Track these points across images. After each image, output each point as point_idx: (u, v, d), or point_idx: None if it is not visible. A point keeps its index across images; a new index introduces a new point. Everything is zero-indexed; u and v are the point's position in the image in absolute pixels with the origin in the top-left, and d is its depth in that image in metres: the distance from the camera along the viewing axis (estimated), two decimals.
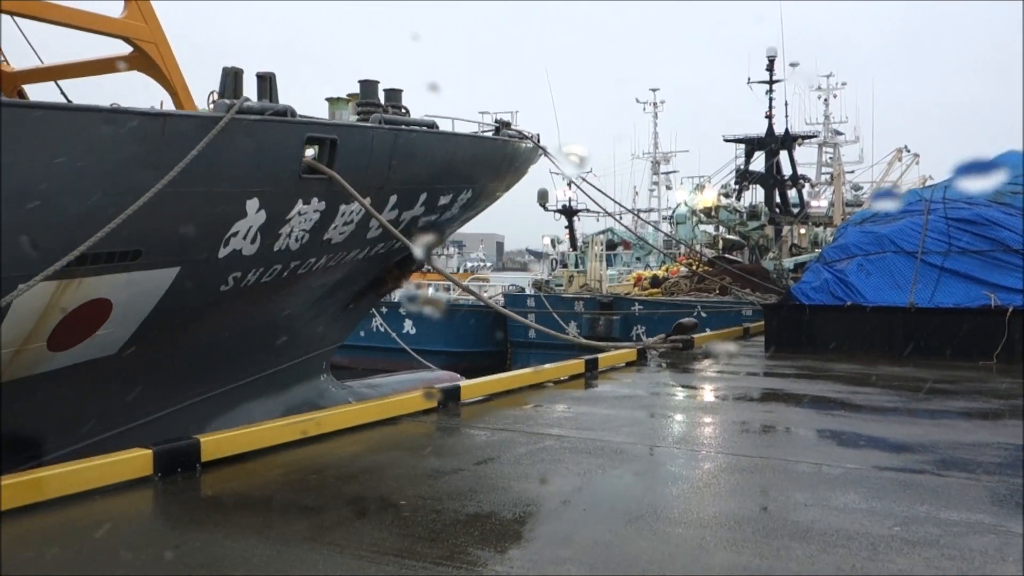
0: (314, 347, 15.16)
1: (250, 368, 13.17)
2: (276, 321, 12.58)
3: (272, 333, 12.85)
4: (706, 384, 10.50)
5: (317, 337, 14.95)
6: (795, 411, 8.52)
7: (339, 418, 7.19)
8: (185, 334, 10.27)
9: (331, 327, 15.50)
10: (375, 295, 15.80)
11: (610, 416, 8.01)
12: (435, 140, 12.04)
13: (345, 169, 10.06)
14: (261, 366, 13.48)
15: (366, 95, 11.55)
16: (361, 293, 15.32)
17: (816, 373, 11.25)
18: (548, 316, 30.08)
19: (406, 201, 11.98)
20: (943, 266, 13.66)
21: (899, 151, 49.39)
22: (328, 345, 16.01)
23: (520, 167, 16.32)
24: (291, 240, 9.99)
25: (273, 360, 13.77)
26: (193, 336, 10.59)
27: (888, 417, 8.10)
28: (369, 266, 13.70)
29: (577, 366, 10.90)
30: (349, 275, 13.35)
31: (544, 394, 9.45)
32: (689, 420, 7.96)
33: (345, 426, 7.17)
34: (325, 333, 15.26)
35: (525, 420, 7.84)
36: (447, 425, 7.72)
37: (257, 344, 12.72)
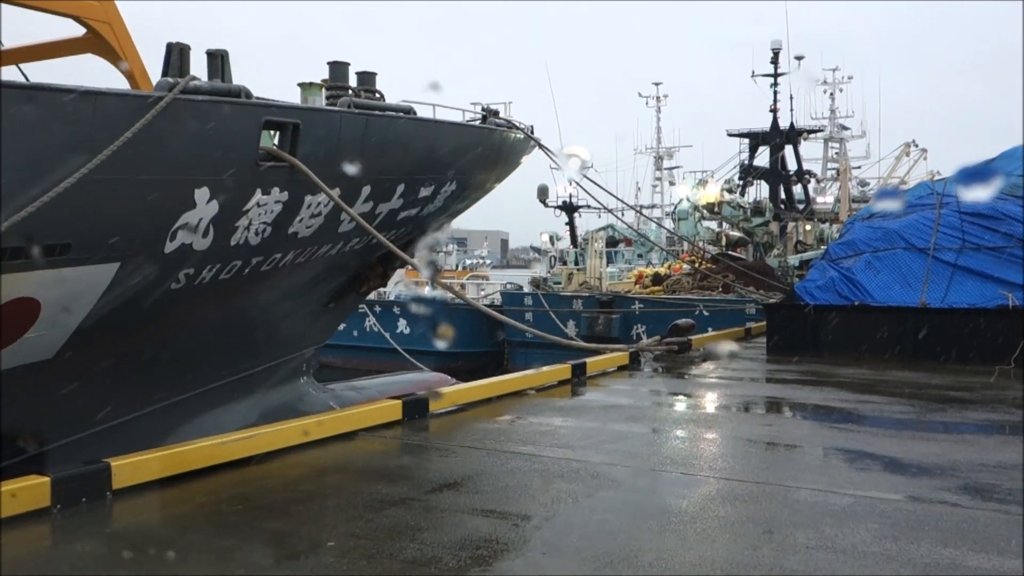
0: (292, 348, 14.36)
1: (220, 371, 12.39)
2: (246, 321, 11.80)
3: (242, 334, 12.07)
4: (702, 391, 9.69)
5: (295, 338, 14.15)
6: (798, 424, 7.72)
7: (284, 435, 6.40)
8: (138, 336, 9.49)
9: (310, 327, 14.70)
10: (357, 293, 15.00)
11: (593, 431, 7.21)
12: (413, 127, 11.22)
13: (310, 157, 9.25)
14: (233, 369, 12.69)
15: (335, 78, 10.74)
16: (341, 291, 14.54)
17: (821, 378, 10.44)
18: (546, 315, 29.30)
19: (382, 193, 11.17)
20: (956, 263, 12.83)
21: (907, 145, 48.39)
22: (308, 346, 15.20)
23: (510, 158, 15.50)
24: (250, 234, 9.19)
25: (246, 362, 12.98)
26: (149, 338, 9.81)
27: (901, 432, 7.28)
28: (346, 262, 12.90)
29: (564, 371, 10.11)
30: (324, 272, 12.56)
31: (524, 403, 8.66)
32: (680, 435, 7.15)
33: (292, 443, 6.38)
34: (304, 334, 14.46)
35: (497, 436, 7.04)
36: (409, 441, 6.93)
37: (226, 346, 11.93)
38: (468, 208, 19.68)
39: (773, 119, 40.55)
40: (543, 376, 9.86)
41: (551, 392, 9.41)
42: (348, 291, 14.73)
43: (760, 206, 37.27)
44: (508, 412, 8.08)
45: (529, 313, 30.08)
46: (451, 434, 7.14)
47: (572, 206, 40.65)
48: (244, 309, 11.27)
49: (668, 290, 31.27)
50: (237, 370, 12.83)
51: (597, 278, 32.42)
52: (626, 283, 34.95)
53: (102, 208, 7.39)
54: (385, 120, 10.58)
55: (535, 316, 30.02)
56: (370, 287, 14.90)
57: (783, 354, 12.67)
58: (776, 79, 40.41)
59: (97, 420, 10.11)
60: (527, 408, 8.37)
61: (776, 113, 40.63)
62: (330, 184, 9.78)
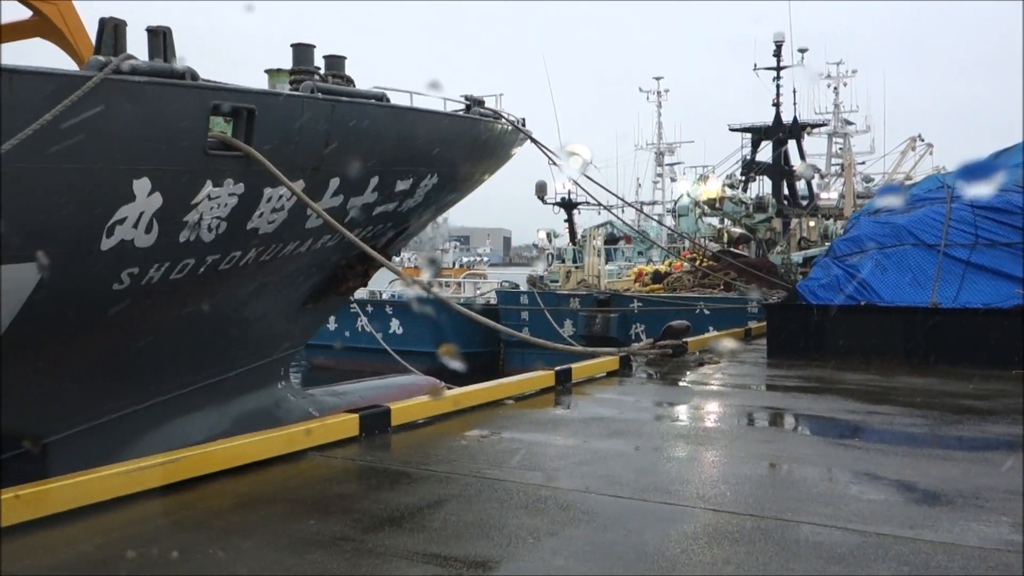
0: (267, 352, 13.60)
1: (186, 377, 11.63)
2: (210, 324, 11.04)
3: (208, 337, 11.30)
4: (695, 401, 8.91)
5: (269, 341, 13.40)
6: (800, 441, 6.94)
7: (216, 457, 5.63)
8: (80, 342, 8.74)
9: (287, 330, 13.95)
10: (336, 293, 14.23)
11: (570, 449, 6.45)
12: (386, 115, 10.45)
13: (267, 145, 8.50)
14: (201, 374, 11.93)
15: (299, 61, 9.96)
16: (319, 291, 13.79)
17: (825, 385, 9.66)
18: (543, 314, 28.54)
19: (353, 185, 10.40)
20: (969, 260, 12.04)
21: (913, 140, 47.57)
22: (285, 349, 14.44)
23: (498, 150, 14.74)
24: (202, 230, 8.44)
25: (216, 367, 12.23)
26: (94, 343, 9.07)
27: (914, 449, 6.51)
28: (321, 261, 12.15)
29: (546, 378, 9.34)
30: (297, 272, 11.81)
31: (499, 416, 7.89)
32: (668, 455, 6.37)
33: (227, 467, 5.62)
34: (279, 336, 13.71)
35: (461, 455, 6.28)
36: (363, 463, 6.16)
37: (191, 350, 11.18)
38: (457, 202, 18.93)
39: (776, 113, 39.71)
40: (523, 384, 9.10)
41: (531, 402, 8.65)
42: (326, 292, 13.97)
43: (763, 202, 36.43)
44: (480, 426, 7.32)
45: (525, 312, 29.34)
46: (410, 454, 6.38)
47: (571, 203, 39.85)
48: (207, 311, 10.50)
49: (668, 288, 30.50)
50: (205, 376, 12.08)
51: (595, 276, 31.66)
52: (625, 281, 34.19)
53: (24, 201, 6.64)
54: (354, 107, 9.81)
55: (531, 316, 29.28)
56: (349, 287, 14.12)
57: (784, 357, 11.89)
58: (779, 72, 39.59)
59: (42, 433, 9.40)
60: (501, 421, 7.61)
61: (779, 107, 39.79)
62: (292, 176, 9.03)
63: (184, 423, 12.03)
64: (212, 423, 12.53)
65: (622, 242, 42.97)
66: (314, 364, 32.54)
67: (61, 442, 9.61)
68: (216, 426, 12.58)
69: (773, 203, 36.61)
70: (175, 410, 11.75)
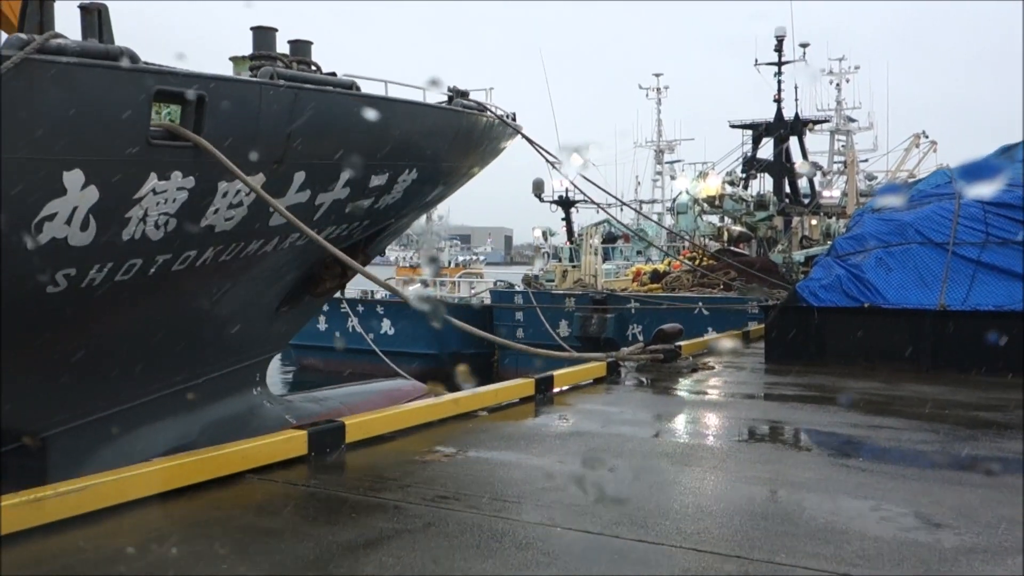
0: (239, 356, 12.93)
1: (149, 385, 10.97)
2: (173, 328, 10.37)
3: (170, 342, 10.62)
4: (685, 412, 8.23)
5: (241, 345, 12.73)
6: (798, 460, 6.25)
7: (129, 484, 4.95)
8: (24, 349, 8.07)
9: (261, 333, 13.28)
10: (313, 295, 13.56)
11: (541, 471, 5.78)
12: (356, 105, 9.77)
13: (220, 135, 7.84)
14: (166, 382, 11.27)
15: (259, 45, 9.28)
16: (294, 293, 13.12)
17: (826, 394, 8.98)
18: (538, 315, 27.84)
19: (320, 180, 9.74)
20: (980, 260, 11.32)
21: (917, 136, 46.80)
22: (260, 354, 13.77)
23: (484, 145, 14.06)
24: (149, 227, 7.77)
25: (183, 374, 11.56)
26: (40, 351, 8.41)
27: (925, 471, 5.82)
28: (292, 260, 11.48)
29: (526, 387, 8.66)
30: (266, 272, 11.14)
31: (470, 429, 7.22)
32: (648, 478, 5.69)
33: (141, 495, 4.94)
34: (253, 340, 13.04)
35: (418, 478, 5.60)
36: (305, 488, 5.48)
37: (153, 356, 10.50)
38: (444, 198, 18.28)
39: (777, 109, 39.01)
40: (500, 393, 8.42)
41: (507, 413, 7.97)
42: (302, 293, 13.31)
43: (764, 200, 35.76)
44: (446, 442, 6.64)
45: (520, 313, 28.66)
46: (362, 477, 5.69)
47: (569, 201, 39.15)
48: (166, 315, 9.85)
49: (667, 288, 29.81)
50: (171, 383, 11.42)
51: (592, 275, 30.95)
52: (623, 280, 33.51)
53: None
54: (320, 95, 9.15)
55: (527, 316, 28.59)
56: (326, 288, 13.46)
57: (783, 362, 11.19)
58: (780, 68, 38.92)
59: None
60: (470, 436, 6.93)
61: (780, 103, 39.10)
62: (250, 169, 8.37)
63: (148, 433, 11.37)
64: (180, 432, 11.88)
65: (620, 241, 42.26)
66: (304, 365, 31.90)
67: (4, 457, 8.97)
68: (184, 435, 11.93)
69: (774, 201, 35.94)
70: (138, 420, 11.10)
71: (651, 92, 53.63)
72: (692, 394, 9.29)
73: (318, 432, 6.20)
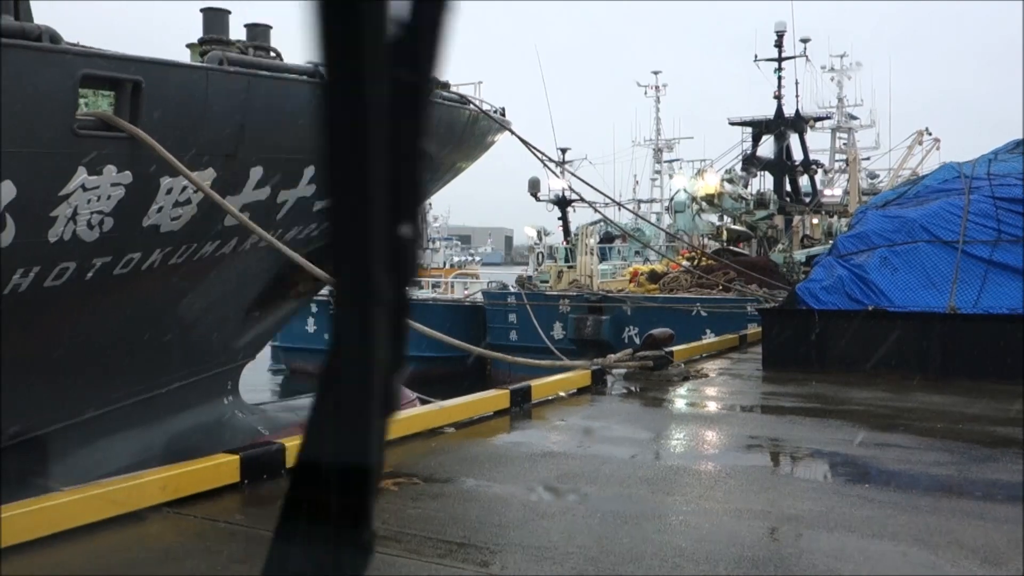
0: (207, 364, 12.22)
1: (106, 395, 10.27)
2: (126, 336, 9.68)
3: (125, 351, 9.93)
4: (672, 428, 7.51)
5: (208, 352, 12.02)
6: (796, 487, 5.52)
7: (29, 521, 4.23)
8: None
9: (232, 339, 12.58)
10: (287, 299, 12.85)
11: (498, 502, 5.07)
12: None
13: (161, 126, 7.13)
14: (124, 391, 10.57)
15: (210, 28, 8.55)
16: (266, 297, 12.41)
17: (828, 406, 8.25)
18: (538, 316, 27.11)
19: (281, 176, 9.02)
20: (991, 259, 10.61)
21: (920, 133, 45.93)
22: (231, 362, 13.05)
23: (468, 139, 13.35)
24: (81, 226, 7.06)
25: (143, 383, 10.85)
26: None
27: (939, 500, 5.09)
28: (257, 262, 10.77)
29: (500, 399, 7.96)
30: (228, 275, 10.43)
31: (432, 449, 6.50)
32: (624, 511, 4.96)
33: (35, 536, 4.23)
34: (221, 347, 12.33)
35: None
36: (229, 525, 4.76)
37: (105, 365, 9.80)
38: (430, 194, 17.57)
39: (777, 106, 38.28)
40: (472, 406, 7.70)
41: (477, 429, 7.26)
42: (275, 297, 12.60)
43: (764, 198, 35.06)
44: (400, 466, 5.91)
45: (513, 315, 27.93)
46: None
47: (565, 200, 38.42)
48: (117, 322, 9.15)
49: (665, 289, 29.07)
50: (129, 393, 10.71)
51: (588, 276, 30.19)
52: (620, 281, 32.79)
53: None
54: (277, 83, 8.43)
55: (520, 318, 27.87)
56: (299, 292, 12.76)
57: (782, 370, 10.48)
58: (780, 63, 38.16)
59: None
60: (431, 458, 6.21)
61: (780, 100, 38.36)
62: (197, 162, 7.66)
63: (107, 446, 10.69)
64: (142, 444, 11.19)
65: (618, 240, 41.52)
66: (293, 368, 31.19)
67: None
68: (147, 448, 11.25)
69: (774, 199, 35.24)
70: (94, 433, 10.41)
71: (649, 90, 52.91)
72: (682, 406, 8.58)
73: (253, 456, 5.49)
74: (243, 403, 13.71)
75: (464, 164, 14.73)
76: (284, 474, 5.64)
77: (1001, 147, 13.18)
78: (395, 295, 1.07)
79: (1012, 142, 13.27)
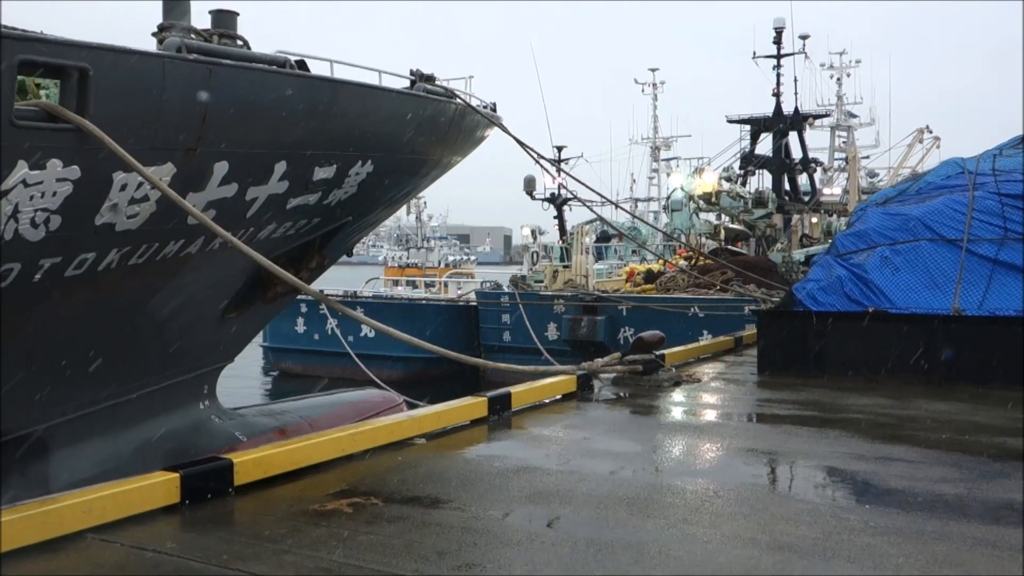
0: (179, 369, 11.75)
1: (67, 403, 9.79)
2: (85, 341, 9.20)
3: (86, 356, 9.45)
4: (659, 440, 7.03)
5: (180, 356, 11.54)
6: (790, 509, 5.04)
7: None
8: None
9: (206, 342, 12.11)
10: (263, 301, 12.35)
11: (457, 530, 4.59)
12: (292, 87, 8.59)
13: (111, 117, 6.65)
14: (86, 398, 10.09)
15: (170, 15, 8.05)
16: (242, 298, 11.93)
17: (826, 415, 7.78)
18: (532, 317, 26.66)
19: (250, 172, 8.55)
20: (997, 258, 10.13)
21: (920, 131, 45.42)
22: (207, 365, 12.58)
23: (456, 135, 12.86)
24: (23, 225, 6.59)
25: (108, 389, 10.38)
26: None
27: (948, 527, 4.61)
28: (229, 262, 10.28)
29: (478, 407, 7.49)
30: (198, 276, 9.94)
31: (398, 464, 6.03)
32: (596, 537, 4.48)
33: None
34: (194, 350, 11.85)
35: (305, 540, 4.42)
36: (157, 554, 4.27)
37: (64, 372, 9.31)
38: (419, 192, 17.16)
39: (776, 103, 37.80)
40: (446, 415, 7.22)
41: (449, 441, 6.79)
42: (251, 299, 12.12)
43: (762, 197, 34.56)
44: (360, 483, 5.46)
45: (506, 315, 27.48)
46: (230, 540, 4.49)
47: (561, 198, 37.96)
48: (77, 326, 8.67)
49: (661, 288, 28.61)
50: (94, 399, 10.24)
51: (584, 276, 29.74)
52: (616, 281, 32.34)
53: None
54: (243, 74, 7.96)
55: (513, 319, 27.41)
56: (277, 293, 12.26)
57: (778, 374, 10.02)
58: (779, 60, 37.68)
59: None
60: (394, 474, 5.74)
61: (779, 97, 37.88)
62: (155, 157, 7.19)
63: (68, 456, 10.22)
64: (108, 453, 10.72)
65: (615, 240, 41.05)
66: (282, 369, 30.75)
67: None
68: (114, 456, 10.79)
69: (773, 198, 34.77)
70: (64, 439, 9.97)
71: (647, 87, 52.42)
72: (671, 415, 8.11)
73: (196, 475, 5.02)
74: (220, 407, 13.23)
75: (455, 159, 14.26)
76: (232, 493, 5.19)
77: (1005, 142, 12.70)
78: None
79: (1016, 137, 12.80)
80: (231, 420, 13.15)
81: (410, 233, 49.01)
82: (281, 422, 13.61)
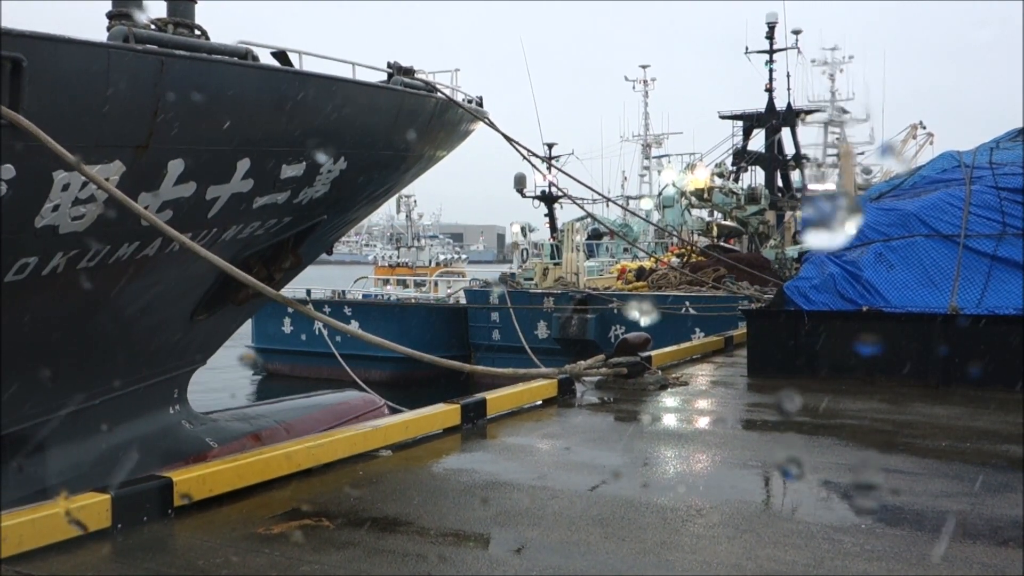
0: (146, 373, 11.31)
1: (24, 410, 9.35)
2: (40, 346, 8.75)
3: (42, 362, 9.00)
4: (640, 450, 6.60)
5: (147, 360, 11.11)
6: (778, 529, 4.61)
7: None
8: None
9: (175, 345, 11.67)
10: (234, 302, 11.91)
11: (412, 557, 4.16)
12: (255, 80, 8.14)
13: (49, 112, 6.21)
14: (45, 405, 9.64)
15: (119, 2, 7.59)
16: (211, 300, 11.49)
17: (819, 422, 7.36)
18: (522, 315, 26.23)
19: (209, 170, 8.10)
20: (996, 254, 9.72)
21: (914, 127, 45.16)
22: (176, 368, 12.14)
23: (435, 128, 12.42)
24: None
25: (70, 395, 9.93)
26: None
27: (951, 548, 4.20)
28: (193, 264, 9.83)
29: (450, 415, 7.06)
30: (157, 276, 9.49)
31: (359, 478, 5.60)
32: (565, 564, 4.07)
33: None
34: (162, 354, 11.41)
35: (245, 570, 3.99)
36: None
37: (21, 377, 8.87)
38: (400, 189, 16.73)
39: (769, 99, 37.47)
40: (415, 424, 6.79)
41: (417, 452, 6.36)
42: (220, 300, 11.67)
43: (755, 193, 34.24)
44: (314, 501, 5.02)
45: (496, 314, 27.06)
46: (164, 570, 4.07)
47: (551, 196, 37.55)
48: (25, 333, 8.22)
49: (653, 286, 28.21)
50: (54, 406, 9.79)
51: (574, 273, 29.32)
52: (608, 278, 31.92)
53: None
54: (199, 65, 7.51)
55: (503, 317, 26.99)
56: (248, 295, 11.81)
57: (768, 376, 9.62)
58: (771, 56, 37.35)
59: None
60: (354, 490, 5.30)
61: (772, 93, 37.54)
62: (101, 154, 6.74)
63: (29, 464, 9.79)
64: (70, 462, 10.28)
65: (606, 237, 40.65)
66: (269, 370, 30.28)
67: None
68: (75, 466, 10.35)
69: (766, 194, 34.45)
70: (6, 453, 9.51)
71: (638, 84, 51.99)
72: (655, 421, 7.68)
73: (128, 496, 4.58)
74: (192, 412, 12.79)
75: (440, 154, 13.83)
76: (171, 515, 4.75)
77: (1002, 135, 12.30)
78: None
79: (1013, 130, 12.40)
80: (203, 425, 12.71)
81: (402, 232, 48.61)
82: (255, 427, 13.17)
